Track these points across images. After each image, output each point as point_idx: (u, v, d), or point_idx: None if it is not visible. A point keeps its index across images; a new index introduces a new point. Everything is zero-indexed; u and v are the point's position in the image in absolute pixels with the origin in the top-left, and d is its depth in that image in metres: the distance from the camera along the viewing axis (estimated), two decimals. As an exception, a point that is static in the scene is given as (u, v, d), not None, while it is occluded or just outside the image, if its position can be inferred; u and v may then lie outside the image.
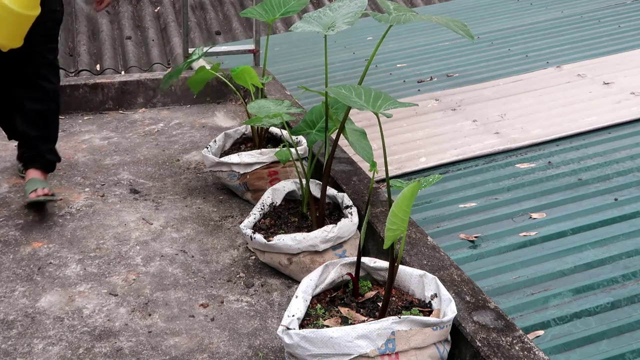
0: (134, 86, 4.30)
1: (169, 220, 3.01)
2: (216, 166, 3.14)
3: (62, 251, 2.77)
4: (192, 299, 2.49)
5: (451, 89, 4.01)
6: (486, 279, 2.28)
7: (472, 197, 2.81)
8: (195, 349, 2.23)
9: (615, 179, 2.85)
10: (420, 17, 2.24)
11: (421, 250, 2.38)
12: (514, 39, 4.81)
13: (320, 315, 2.08)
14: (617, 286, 2.20)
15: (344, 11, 2.46)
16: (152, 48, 6.38)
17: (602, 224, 2.54)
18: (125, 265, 2.69)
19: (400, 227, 1.85)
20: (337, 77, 4.31)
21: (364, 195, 2.77)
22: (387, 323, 1.88)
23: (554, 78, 3.99)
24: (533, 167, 3.01)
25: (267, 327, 2.35)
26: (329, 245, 2.52)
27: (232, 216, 3.07)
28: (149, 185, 3.34)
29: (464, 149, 3.22)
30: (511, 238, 2.50)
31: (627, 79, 3.85)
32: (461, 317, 2.02)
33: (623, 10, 5.19)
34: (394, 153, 3.22)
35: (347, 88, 2.13)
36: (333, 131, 2.70)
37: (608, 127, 3.34)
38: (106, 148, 3.75)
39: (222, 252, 2.79)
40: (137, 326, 2.34)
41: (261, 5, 3.16)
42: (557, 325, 2.05)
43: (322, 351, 1.86)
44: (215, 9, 7.24)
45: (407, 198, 1.81)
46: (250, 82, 3.25)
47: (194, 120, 4.14)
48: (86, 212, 3.07)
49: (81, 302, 2.46)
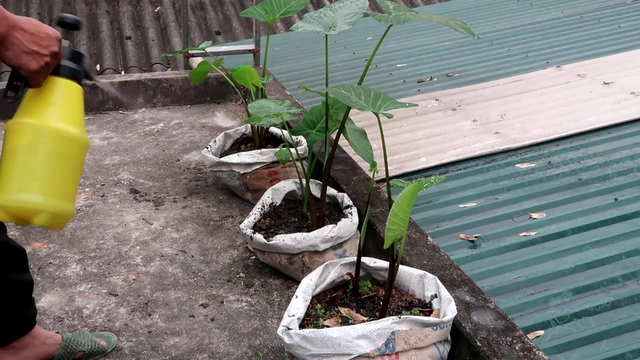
0: (134, 86, 4.30)
1: (169, 220, 3.01)
2: (216, 166, 3.14)
3: (62, 251, 2.77)
4: (192, 299, 2.49)
5: (451, 89, 4.01)
6: (486, 279, 2.28)
7: (472, 197, 2.81)
8: (195, 349, 2.24)
9: (615, 179, 2.84)
10: (420, 17, 2.24)
11: (421, 250, 2.38)
12: (514, 39, 4.81)
13: (320, 315, 2.08)
14: (617, 286, 2.20)
15: (344, 12, 2.46)
16: (152, 48, 6.38)
17: (602, 224, 2.54)
18: (125, 265, 2.69)
19: (401, 227, 1.85)
20: (337, 77, 4.30)
21: (364, 195, 2.77)
22: (387, 323, 1.88)
23: (554, 78, 3.99)
24: (533, 167, 3.01)
25: (267, 327, 2.35)
26: (329, 245, 2.52)
27: (232, 216, 3.07)
28: (149, 185, 3.34)
29: (464, 149, 3.22)
30: (511, 238, 2.50)
31: (627, 79, 3.85)
32: (461, 317, 2.02)
33: (623, 10, 5.19)
34: (394, 153, 3.22)
35: (347, 88, 2.13)
36: (333, 131, 2.70)
37: (608, 127, 3.33)
38: (106, 148, 3.75)
39: (222, 252, 2.79)
40: (137, 326, 2.34)
41: (261, 5, 3.16)
42: (557, 325, 2.05)
43: (322, 351, 1.86)
44: (215, 9, 7.24)
45: (408, 198, 1.81)
46: (251, 81, 3.26)
47: (194, 120, 4.14)
48: (86, 212, 3.07)
49: (81, 302, 2.46)
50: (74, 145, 1.64)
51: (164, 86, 4.36)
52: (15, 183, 1.58)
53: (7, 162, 1.59)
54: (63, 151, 1.62)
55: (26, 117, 1.60)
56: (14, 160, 1.59)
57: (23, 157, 1.59)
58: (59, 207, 1.61)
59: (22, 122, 1.60)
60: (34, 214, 1.58)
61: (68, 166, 1.64)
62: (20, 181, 1.58)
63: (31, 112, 1.60)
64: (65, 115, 1.62)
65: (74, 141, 1.63)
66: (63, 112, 1.62)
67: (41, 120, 1.59)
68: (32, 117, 1.60)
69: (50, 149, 1.60)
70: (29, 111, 1.61)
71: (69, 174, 1.65)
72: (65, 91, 1.64)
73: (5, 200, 1.57)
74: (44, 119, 1.60)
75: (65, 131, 1.61)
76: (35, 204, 1.58)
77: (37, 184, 1.59)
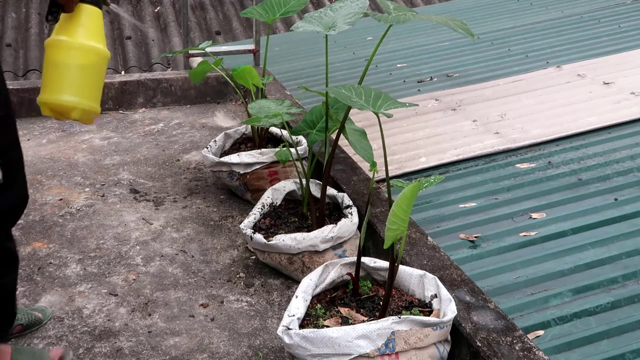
0: (134, 86, 4.30)
1: (169, 220, 3.01)
2: (216, 166, 3.14)
3: (62, 251, 2.77)
4: (192, 299, 2.49)
5: (451, 89, 4.01)
6: (486, 279, 2.28)
7: (472, 197, 2.81)
8: (195, 349, 2.23)
9: (615, 179, 2.84)
10: (420, 17, 2.24)
11: (421, 250, 2.38)
12: (514, 39, 4.81)
13: (320, 315, 2.08)
14: (617, 286, 2.20)
15: (344, 12, 2.46)
16: (152, 48, 6.38)
17: (602, 224, 2.54)
18: (125, 265, 2.69)
19: (401, 227, 1.85)
20: (337, 77, 4.30)
21: (364, 195, 2.77)
22: (387, 323, 1.88)
23: (554, 78, 3.99)
24: (533, 167, 3.01)
25: (267, 327, 2.35)
26: (329, 245, 2.52)
27: (232, 216, 3.07)
28: (149, 185, 3.34)
29: (464, 149, 3.22)
30: (511, 238, 2.50)
31: (627, 79, 3.85)
32: (461, 317, 2.02)
33: (623, 10, 5.19)
34: (394, 153, 3.22)
35: (347, 88, 2.13)
36: (333, 131, 2.70)
37: (608, 127, 3.33)
38: (106, 148, 3.75)
39: (222, 252, 2.79)
40: (137, 326, 2.34)
41: (261, 5, 3.16)
42: (557, 325, 2.05)
43: (322, 351, 1.86)
44: (215, 9, 7.24)
45: (408, 198, 1.81)
46: (251, 81, 3.26)
47: (194, 120, 4.14)
48: (86, 212, 3.07)
49: (81, 302, 2.46)
50: (98, 57, 2.12)
51: (164, 86, 4.36)
52: (56, 86, 2.08)
53: (49, 70, 2.09)
54: (90, 62, 2.10)
55: (62, 34, 2.07)
56: (53, 68, 2.08)
57: (60, 66, 2.07)
58: (88, 105, 2.10)
59: (59, 39, 2.08)
60: (71, 110, 2.08)
61: (94, 74, 2.13)
62: (60, 84, 2.08)
63: (65, 31, 2.07)
64: (91, 34, 2.09)
65: (98, 54, 2.11)
66: (89, 31, 2.09)
67: (73, 38, 2.07)
68: (67, 35, 2.07)
69: (80, 60, 2.08)
70: (63, 30, 2.08)
71: (95, 80, 2.13)
72: (90, 14, 2.09)
73: (48, 99, 2.07)
74: (75, 37, 2.07)
75: (92, 46, 2.09)
76: (70, 101, 2.07)
77: (72, 88, 2.08)
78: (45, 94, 2.09)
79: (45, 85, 2.10)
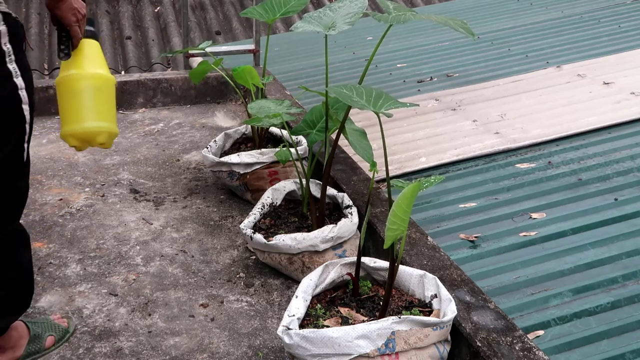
0: (133, 86, 4.30)
1: (169, 220, 3.01)
2: (216, 166, 3.14)
3: (62, 251, 2.77)
4: (192, 299, 2.49)
5: (451, 89, 4.01)
6: (486, 279, 2.28)
7: (472, 197, 2.81)
8: (195, 349, 2.23)
9: (615, 179, 2.84)
10: (420, 17, 2.24)
11: (421, 250, 2.38)
12: (514, 39, 4.81)
13: (320, 315, 2.08)
14: (617, 286, 2.20)
15: (344, 11, 2.46)
16: (152, 48, 6.38)
17: (602, 224, 2.54)
18: (125, 265, 2.69)
19: (401, 227, 1.85)
20: (337, 77, 4.30)
21: (364, 195, 2.77)
22: (387, 323, 1.88)
23: (554, 78, 3.99)
24: (533, 167, 3.01)
25: (267, 327, 2.35)
26: (329, 245, 2.52)
27: (232, 216, 3.07)
28: (149, 185, 3.34)
29: (464, 149, 3.22)
30: (511, 238, 2.50)
31: (627, 79, 3.85)
32: (461, 317, 2.02)
33: (623, 10, 5.19)
34: (394, 153, 3.22)
35: (348, 88, 2.13)
36: (333, 131, 2.70)
37: (608, 127, 3.33)
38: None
39: (222, 252, 2.79)
40: (137, 326, 2.34)
41: (261, 5, 3.16)
42: (557, 325, 2.05)
43: (322, 351, 1.86)
44: (215, 9, 7.24)
45: (408, 198, 1.81)
46: (251, 81, 3.26)
47: (194, 120, 4.14)
48: (86, 212, 3.07)
49: (81, 302, 2.46)
50: (107, 82, 2.20)
51: (164, 86, 4.35)
52: (77, 115, 2.14)
53: (67, 103, 2.14)
54: (101, 87, 2.17)
55: (71, 70, 2.14)
56: (70, 99, 2.15)
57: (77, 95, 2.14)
58: (110, 127, 2.18)
59: (69, 74, 2.14)
60: (96, 134, 2.15)
61: (107, 97, 2.20)
62: (80, 113, 2.14)
63: (74, 66, 2.15)
64: (97, 63, 2.19)
65: (107, 80, 2.19)
66: (95, 61, 2.19)
67: (83, 69, 2.15)
68: (75, 68, 2.14)
69: (93, 87, 2.15)
70: (71, 66, 2.15)
71: (109, 103, 2.20)
72: (92, 47, 2.19)
73: (72, 129, 2.12)
74: (84, 68, 2.15)
75: (100, 73, 2.18)
76: (95, 126, 2.14)
77: (92, 114, 2.15)
78: (68, 126, 2.13)
79: (65, 118, 2.15)
